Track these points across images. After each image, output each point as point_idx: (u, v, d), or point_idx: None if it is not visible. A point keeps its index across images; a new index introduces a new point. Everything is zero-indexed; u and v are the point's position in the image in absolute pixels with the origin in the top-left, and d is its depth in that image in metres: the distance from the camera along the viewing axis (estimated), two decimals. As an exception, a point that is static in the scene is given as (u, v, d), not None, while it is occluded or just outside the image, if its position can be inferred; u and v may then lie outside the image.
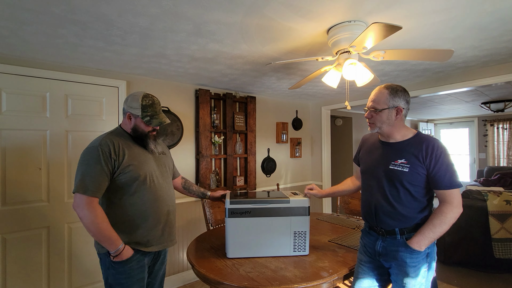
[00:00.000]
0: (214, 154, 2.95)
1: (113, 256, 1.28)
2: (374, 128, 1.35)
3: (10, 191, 1.96)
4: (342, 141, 5.35)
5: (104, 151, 1.27)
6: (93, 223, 1.22)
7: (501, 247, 2.70)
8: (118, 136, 1.38)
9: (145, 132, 1.42)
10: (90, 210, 1.22)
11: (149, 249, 1.39)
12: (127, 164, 1.31)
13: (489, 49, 1.93)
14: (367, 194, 1.40)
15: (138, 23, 1.45)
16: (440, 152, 1.22)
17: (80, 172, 1.25)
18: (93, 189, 1.23)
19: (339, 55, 1.55)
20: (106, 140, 1.30)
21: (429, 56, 1.52)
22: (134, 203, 1.35)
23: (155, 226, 1.40)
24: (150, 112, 1.39)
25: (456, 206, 1.21)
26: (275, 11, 1.34)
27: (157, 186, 1.41)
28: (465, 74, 2.51)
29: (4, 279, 1.92)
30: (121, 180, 1.31)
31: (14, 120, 1.98)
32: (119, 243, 1.27)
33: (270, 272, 1.39)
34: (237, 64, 2.17)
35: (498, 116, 5.89)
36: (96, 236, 1.24)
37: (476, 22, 1.50)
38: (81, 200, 1.22)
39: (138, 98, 1.38)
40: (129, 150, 1.36)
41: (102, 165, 1.25)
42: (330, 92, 3.35)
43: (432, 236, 1.22)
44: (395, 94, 1.28)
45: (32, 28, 1.49)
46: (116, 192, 1.33)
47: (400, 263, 1.27)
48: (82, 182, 1.23)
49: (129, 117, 1.40)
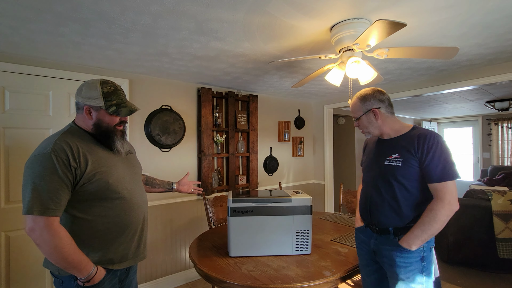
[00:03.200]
0: (216, 153, 2.95)
1: (82, 282, 1.05)
2: (365, 134, 1.41)
3: (14, 189, 1.97)
4: (345, 140, 5.33)
5: (60, 158, 1.00)
6: (57, 248, 0.97)
7: (506, 247, 2.67)
8: (75, 137, 1.10)
9: (111, 127, 1.16)
10: (51, 233, 0.97)
11: (122, 266, 1.17)
12: (92, 172, 1.07)
13: (495, 47, 1.91)
14: (363, 192, 1.42)
15: (140, 21, 1.44)
16: (433, 143, 1.18)
17: (30, 187, 0.97)
18: (53, 207, 0.98)
19: (343, 53, 1.54)
20: (61, 144, 1.03)
21: (434, 54, 1.50)
22: (107, 215, 1.12)
23: (132, 238, 1.20)
24: (116, 101, 1.14)
25: (448, 202, 1.14)
26: (278, 8, 1.33)
27: (131, 192, 1.20)
28: (470, 72, 2.48)
29: (7, 276, 1.93)
30: (87, 191, 1.07)
31: (17, 119, 1.98)
32: (90, 267, 1.05)
33: (272, 271, 1.39)
34: (239, 63, 2.17)
35: (502, 115, 5.84)
36: (61, 264, 1.00)
37: (481, 19, 1.48)
38: (38, 223, 0.96)
39: (96, 85, 1.12)
40: (92, 154, 1.10)
41: (59, 175, 0.99)
42: (333, 91, 3.33)
43: (422, 235, 1.17)
44: (364, 99, 1.35)
45: (34, 26, 1.50)
46: (80, 205, 1.08)
47: (390, 262, 1.25)
48: (36, 200, 0.96)
49: (88, 111, 1.12)
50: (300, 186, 3.87)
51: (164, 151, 2.65)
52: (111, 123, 1.16)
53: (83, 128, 1.16)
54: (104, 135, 1.16)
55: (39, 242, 0.98)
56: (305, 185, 3.94)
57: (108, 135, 1.16)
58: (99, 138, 1.16)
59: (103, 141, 1.17)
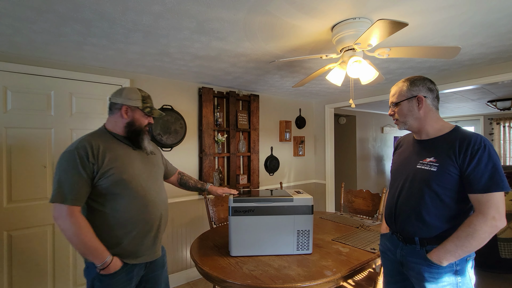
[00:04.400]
0: (217, 153, 2.95)
1: (99, 269, 1.15)
2: (400, 125, 1.25)
3: (16, 189, 1.97)
4: (346, 140, 5.32)
5: (81, 155, 1.14)
6: (76, 235, 1.10)
7: (507, 247, 2.67)
8: (99, 137, 1.25)
9: (142, 126, 1.33)
10: (72, 221, 1.10)
11: (137, 261, 1.25)
12: (108, 167, 1.18)
13: (497, 46, 1.90)
14: (390, 196, 1.30)
15: (141, 21, 1.45)
16: (479, 147, 1.01)
17: (57, 179, 1.13)
18: (73, 197, 1.11)
19: (344, 52, 1.54)
20: (84, 143, 1.18)
21: (435, 53, 1.50)
22: (120, 209, 1.21)
23: (146, 234, 1.27)
24: (149, 104, 1.34)
25: (492, 218, 0.97)
26: (279, 8, 1.33)
27: (145, 189, 1.28)
28: (471, 72, 2.47)
29: (10, 275, 1.94)
30: (102, 186, 1.18)
31: (20, 119, 1.99)
32: (106, 255, 1.15)
33: (273, 271, 1.39)
34: (241, 62, 2.17)
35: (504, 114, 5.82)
36: (80, 249, 1.13)
37: (483, 18, 1.47)
38: (61, 210, 1.10)
39: (135, 90, 1.31)
40: (111, 151, 1.23)
41: (79, 170, 1.13)
42: (334, 91, 3.33)
43: (455, 251, 1.02)
44: (413, 83, 1.20)
45: (36, 26, 1.50)
46: (99, 198, 1.20)
47: (418, 276, 1.12)
48: (60, 190, 1.11)
49: (126, 112, 1.28)
50: (301, 185, 3.87)
51: (165, 150, 2.65)
52: (142, 123, 1.33)
53: (109, 130, 1.31)
54: (135, 133, 1.31)
55: (62, 227, 1.12)
56: (306, 184, 3.94)
57: (138, 133, 1.32)
58: (130, 135, 1.31)
59: (133, 138, 1.31)
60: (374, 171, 5.59)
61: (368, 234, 1.93)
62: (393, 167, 1.35)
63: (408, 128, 1.24)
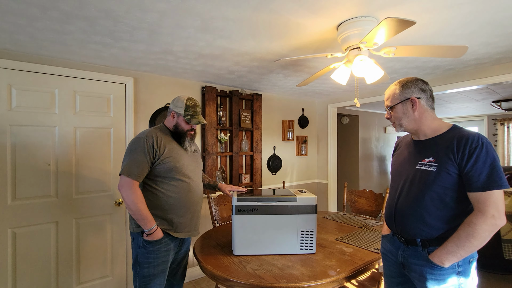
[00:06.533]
0: (220, 152, 2.95)
1: (146, 234, 1.44)
2: (397, 127, 1.26)
3: (20, 187, 1.98)
4: (349, 140, 5.30)
5: (148, 142, 1.46)
6: (133, 202, 1.40)
7: (511, 248, 2.65)
8: (161, 132, 1.57)
9: (184, 130, 1.60)
10: (132, 191, 1.40)
11: (177, 235, 1.53)
12: (166, 156, 1.49)
13: (503, 46, 1.88)
14: (390, 198, 1.30)
15: (146, 19, 1.44)
16: (476, 145, 1.01)
17: (128, 158, 1.44)
18: (136, 173, 1.42)
19: (349, 51, 1.52)
20: (152, 133, 1.50)
21: (442, 53, 1.48)
22: (169, 190, 1.51)
23: (185, 214, 1.56)
24: (191, 112, 1.58)
25: (492, 216, 0.97)
26: (284, 6, 1.32)
27: (190, 178, 1.59)
28: (477, 72, 2.45)
29: (14, 272, 1.95)
30: (159, 169, 1.49)
31: (24, 116, 2.00)
32: (153, 223, 1.44)
33: (277, 270, 1.39)
34: (244, 61, 2.16)
35: (508, 114, 5.78)
36: (135, 214, 1.41)
37: (491, 17, 1.46)
38: (125, 181, 1.41)
39: (183, 99, 1.59)
40: (169, 144, 1.54)
41: (145, 154, 1.44)
42: (337, 90, 3.31)
43: (457, 252, 1.01)
44: (404, 86, 1.20)
45: (40, 24, 1.50)
46: (156, 178, 1.51)
47: (420, 278, 1.12)
48: (128, 167, 1.42)
49: (173, 115, 1.60)
50: (304, 185, 3.86)
51: (168, 149, 2.66)
52: (184, 127, 1.60)
53: (167, 127, 1.64)
54: (178, 135, 1.61)
55: (124, 195, 1.41)
56: (308, 184, 3.93)
57: (180, 135, 1.61)
58: (175, 136, 1.61)
59: (177, 138, 1.61)
60: (377, 171, 5.57)
61: (371, 234, 1.93)
62: (393, 169, 1.35)
63: (405, 129, 1.25)
